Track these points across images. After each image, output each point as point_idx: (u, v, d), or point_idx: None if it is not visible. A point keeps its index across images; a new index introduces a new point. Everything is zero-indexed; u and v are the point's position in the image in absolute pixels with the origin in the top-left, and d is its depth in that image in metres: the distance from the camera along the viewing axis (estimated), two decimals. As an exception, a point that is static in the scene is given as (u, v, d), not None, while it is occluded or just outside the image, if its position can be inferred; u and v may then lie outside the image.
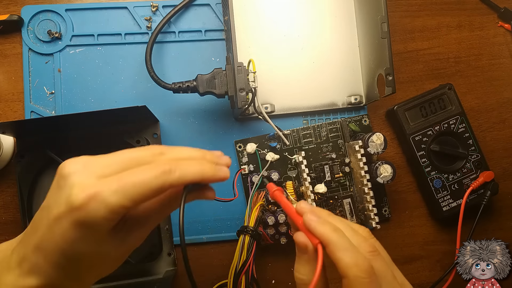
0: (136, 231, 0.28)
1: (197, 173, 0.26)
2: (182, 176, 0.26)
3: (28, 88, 0.48)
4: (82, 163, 0.26)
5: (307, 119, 0.51)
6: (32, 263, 0.26)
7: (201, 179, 0.27)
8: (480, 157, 0.51)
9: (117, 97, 0.49)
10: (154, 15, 0.50)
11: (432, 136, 0.50)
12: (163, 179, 0.25)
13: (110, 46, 0.49)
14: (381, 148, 0.45)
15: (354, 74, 0.51)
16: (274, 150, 0.48)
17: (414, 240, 0.52)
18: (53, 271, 0.26)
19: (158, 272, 0.45)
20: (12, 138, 0.47)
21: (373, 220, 0.45)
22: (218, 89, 0.44)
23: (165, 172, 0.25)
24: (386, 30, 0.44)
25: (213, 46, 0.50)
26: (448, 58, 0.55)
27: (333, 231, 0.27)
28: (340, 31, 0.52)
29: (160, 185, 0.25)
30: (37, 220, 0.27)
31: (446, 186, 0.50)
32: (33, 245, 0.26)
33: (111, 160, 0.26)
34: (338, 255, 0.26)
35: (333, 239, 0.27)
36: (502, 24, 0.56)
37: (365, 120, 0.50)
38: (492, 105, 0.55)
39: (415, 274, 0.52)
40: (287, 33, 0.51)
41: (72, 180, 0.25)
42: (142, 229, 0.29)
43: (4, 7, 0.49)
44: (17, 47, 0.48)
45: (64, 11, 0.49)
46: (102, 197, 0.24)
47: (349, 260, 0.26)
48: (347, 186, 0.48)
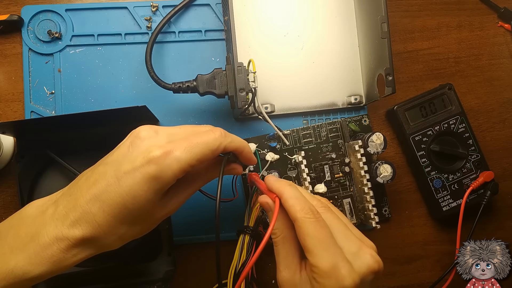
0: (175, 198, 0.32)
1: (242, 143, 0.33)
2: (232, 141, 0.32)
3: (28, 88, 0.48)
4: (154, 129, 0.31)
5: (307, 119, 0.51)
6: (83, 213, 0.29)
7: (242, 149, 0.33)
8: (480, 157, 0.51)
9: (117, 97, 0.49)
10: (154, 15, 0.50)
11: (432, 136, 0.50)
12: (219, 141, 0.31)
13: (110, 46, 0.49)
14: (381, 148, 0.45)
15: (354, 74, 0.51)
16: (274, 150, 0.48)
17: (414, 240, 0.52)
18: (104, 222, 0.29)
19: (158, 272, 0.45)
20: (12, 138, 0.47)
21: (373, 220, 0.45)
22: (218, 89, 0.44)
23: (221, 135, 0.31)
24: (386, 30, 0.44)
25: (213, 46, 0.50)
26: (448, 58, 0.55)
27: (286, 185, 0.32)
28: (340, 31, 0.52)
29: (217, 146, 0.30)
30: (98, 173, 0.30)
31: (446, 186, 0.50)
32: (91, 196, 0.29)
33: (177, 129, 0.31)
34: (289, 203, 0.31)
35: (285, 191, 0.32)
36: (502, 24, 0.56)
37: (365, 120, 0.50)
38: (492, 105, 0.55)
39: (415, 274, 0.52)
40: (287, 33, 0.51)
41: (149, 140, 0.29)
42: (180, 196, 0.33)
43: (4, 7, 0.49)
44: (17, 47, 0.48)
45: (64, 11, 0.49)
46: (175, 154, 0.28)
47: (297, 205, 0.30)
48: (347, 186, 0.48)
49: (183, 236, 0.48)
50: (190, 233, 0.48)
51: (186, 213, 0.48)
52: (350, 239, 0.31)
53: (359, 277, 0.29)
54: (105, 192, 0.28)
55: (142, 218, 0.30)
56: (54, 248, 0.29)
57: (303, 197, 0.32)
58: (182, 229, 0.48)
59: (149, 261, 0.46)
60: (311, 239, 0.29)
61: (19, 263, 0.28)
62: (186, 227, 0.48)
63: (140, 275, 0.45)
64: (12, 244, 0.29)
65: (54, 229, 0.29)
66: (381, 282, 0.51)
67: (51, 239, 0.29)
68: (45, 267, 0.29)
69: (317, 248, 0.29)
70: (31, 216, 0.31)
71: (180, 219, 0.48)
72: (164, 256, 0.46)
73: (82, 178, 0.31)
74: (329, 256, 0.29)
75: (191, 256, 0.48)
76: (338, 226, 0.31)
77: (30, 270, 0.28)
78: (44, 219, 0.30)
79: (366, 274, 0.29)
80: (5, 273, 0.28)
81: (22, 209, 0.32)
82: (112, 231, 0.29)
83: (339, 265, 0.29)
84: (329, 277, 0.28)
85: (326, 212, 0.32)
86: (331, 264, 0.29)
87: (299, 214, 0.30)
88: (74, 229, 0.29)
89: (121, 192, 0.28)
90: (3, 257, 0.29)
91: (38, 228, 0.29)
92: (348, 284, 0.28)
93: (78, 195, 0.29)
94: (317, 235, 0.29)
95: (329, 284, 0.28)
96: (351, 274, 0.28)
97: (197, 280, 0.48)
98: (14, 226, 0.31)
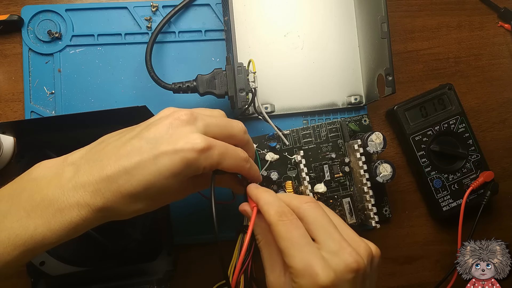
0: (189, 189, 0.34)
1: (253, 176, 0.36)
2: (250, 171, 0.34)
3: (28, 88, 0.48)
4: (194, 115, 0.31)
5: (307, 119, 0.51)
6: (109, 183, 0.29)
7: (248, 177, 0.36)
8: (480, 157, 0.51)
9: (117, 97, 0.49)
10: (154, 15, 0.50)
11: (432, 136, 0.50)
12: (241, 165, 0.33)
13: (110, 46, 0.49)
14: (381, 147, 0.45)
15: (354, 74, 0.51)
16: (273, 150, 0.48)
17: (414, 240, 0.52)
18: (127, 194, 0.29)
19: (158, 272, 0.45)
20: (12, 138, 0.47)
21: (372, 219, 0.45)
22: (218, 90, 0.44)
23: (246, 161, 0.33)
24: (386, 30, 0.44)
25: (213, 46, 0.50)
26: (448, 58, 0.55)
27: (263, 192, 0.34)
28: (340, 31, 0.52)
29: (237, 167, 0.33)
30: (132, 146, 0.29)
31: (446, 186, 0.50)
32: (120, 167, 0.28)
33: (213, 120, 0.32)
34: (264, 208, 0.32)
35: (261, 197, 0.33)
36: (502, 24, 0.56)
37: (365, 120, 0.50)
38: (492, 105, 0.55)
39: (415, 274, 0.52)
40: (287, 33, 0.51)
41: (189, 127, 0.30)
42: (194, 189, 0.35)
43: (4, 7, 0.49)
44: (17, 47, 0.49)
45: (64, 11, 0.49)
46: (214, 152, 0.30)
47: (271, 210, 0.31)
48: (347, 186, 0.48)
49: (183, 236, 0.48)
50: (190, 233, 0.48)
51: (186, 213, 0.48)
52: (331, 237, 0.31)
53: (334, 274, 0.29)
54: (138, 167, 0.28)
55: (160, 198, 0.31)
56: (74, 214, 0.28)
57: (278, 201, 0.32)
58: (182, 229, 0.48)
59: (149, 261, 0.46)
60: (283, 240, 0.30)
61: (38, 228, 0.28)
62: (186, 227, 0.48)
63: (140, 275, 0.45)
64: (27, 208, 0.29)
65: (75, 194, 0.28)
66: (381, 282, 0.51)
67: (71, 205, 0.28)
68: (63, 232, 0.28)
69: (289, 248, 0.30)
70: (45, 178, 0.30)
71: (180, 219, 0.48)
72: (164, 256, 0.46)
73: (109, 146, 0.30)
74: (302, 255, 0.29)
75: (191, 256, 0.48)
76: (322, 224, 0.31)
77: (49, 235, 0.28)
78: (62, 182, 0.29)
79: (343, 273, 0.29)
80: (24, 238, 0.28)
81: (31, 170, 0.31)
82: (132, 205, 0.29)
83: (313, 263, 0.29)
84: (303, 276, 0.29)
85: (312, 209, 0.32)
86: (305, 263, 0.29)
87: (273, 218, 0.31)
88: (97, 197, 0.28)
89: (155, 171, 0.28)
90: (20, 221, 0.28)
91: (56, 192, 0.29)
92: (322, 281, 0.28)
93: (105, 163, 0.29)
94: (289, 236, 0.30)
95: (304, 283, 0.28)
96: (325, 272, 0.28)
97: (197, 280, 0.48)
98: (27, 188, 0.30)
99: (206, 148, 0.29)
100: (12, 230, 0.28)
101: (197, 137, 0.29)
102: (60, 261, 0.43)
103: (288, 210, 0.32)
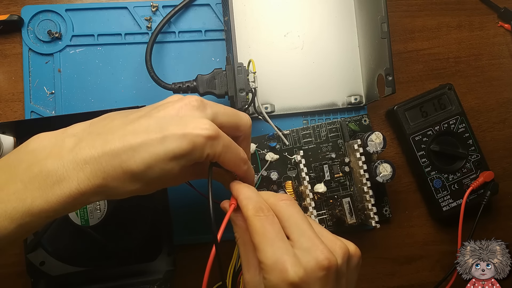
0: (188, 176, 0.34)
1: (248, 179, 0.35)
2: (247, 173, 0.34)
3: (28, 88, 0.48)
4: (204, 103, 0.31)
5: (307, 119, 0.51)
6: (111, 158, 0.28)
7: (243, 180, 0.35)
8: (480, 157, 0.51)
9: (117, 97, 0.49)
10: (154, 15, 0.50)
11: (432, 136, 0.50)
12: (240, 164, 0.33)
13: (110, 46, 0.49)
14: (380, 147, 0.45)
15: (354, 74, 0.51)
16: (273, 150, 0.48)
17: (414, 240, 0.52)
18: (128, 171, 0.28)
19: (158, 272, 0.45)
20: (12, 138, 0.47)
21: (372, 219, 0.45)
22: (218, 90, 0.44)
23: (245, 162, 0.33)
24: (386, 30, 0.44)
25: (213, 46, 0.50)
26: (448, 58, 0.55)
27: (244, 187, 0.33)
28: (340, 31, 0.52)
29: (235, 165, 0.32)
30: (140, 124, 0.29)
31: (446, 186, 0.50)
32: (125, 144, 0.28)
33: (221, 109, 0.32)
34: (242, 203, 0.32)
35: (241, 192, 0.33)
36: (502, 24, 0.56)
37: (365, 120, 0.50)
38: (492, 105, 0.55)
39: (415, 274, 0.52)
40: (287, 33, 0.51)
41: (199, 113, 0.30)
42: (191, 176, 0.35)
43: (4, 7, 0.49)
44: (17, 47, 0.48)
45: (64, 11, 0.49)
46: (219, 142, 0.30)
47: (250, 204, 0.31)
48: (347, 186, 0.48)
49: (183, 236, 0.48)
50: (190, 233, 0.48)
51: (186, 213, 0.48)
52: (305, 234, 0.30)
53: (304, 271, 0.28)
54: (144, 145, 0.28)
55: (158, 181, 0.30)
56: (73, 187, 0.27)
57: (257, 197, 0.32)
58: (182, 229, 0.48)
59: (149, 261, 0.46)
60: (257, 235, 0.30)
61: (36, 201, 0.27)
62: (186, 227, 0.48)
63: (140, 275, 0.45)
64: (25, 179, 0.28)
65: (75, 166, 0.27)
66: (381, 282, 0.51)
67: (71, 177, 0.27)
68: (60, 205, 0.28)
69: (261, 243, 0.29)
70: (44, 148, 0.29)
71: (180, 219, 0.48)
72: (164, 256, 0.46)
73: (115, 121, 0.30)
74: (273, 250, 0.29)
75: (191, 256, 0.48)
76: (296, 221, 0.31)
77: (46, 208, 0.27)
78: (62, 153, 0.28)
79: (314, 270, 0.29)
80: (22, 211, 0.27)
81: (28, 142, 0.30)
82: (130, 184, 0.29)
83: (283, 259, 0.28)
84: (273, 271, 0.28)
85: (288, 206, 0.32)
86: (275, 258, 0.29)
87: (250, 213, 0.31)
88: (97, 171, 0.27)
89: (160, 151, 0.28)
90: (17, 194, 0.27)
91: (55, 163, 0.28)
92: (291, 277, 0.28)
93: (109, 138, 0.28)
94: (263, 231, 0.30)
95: (274, 278, 0.28)
96: (294, 267, 0.28)
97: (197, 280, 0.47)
98: (25, 160, 0.29)
99: (214, 136, 0.29)
100: (9, 203, 0.27)
101: (207, 123, 0.29)
102: (60, 261, 0.43)
103: (266, 206, 0.31)
